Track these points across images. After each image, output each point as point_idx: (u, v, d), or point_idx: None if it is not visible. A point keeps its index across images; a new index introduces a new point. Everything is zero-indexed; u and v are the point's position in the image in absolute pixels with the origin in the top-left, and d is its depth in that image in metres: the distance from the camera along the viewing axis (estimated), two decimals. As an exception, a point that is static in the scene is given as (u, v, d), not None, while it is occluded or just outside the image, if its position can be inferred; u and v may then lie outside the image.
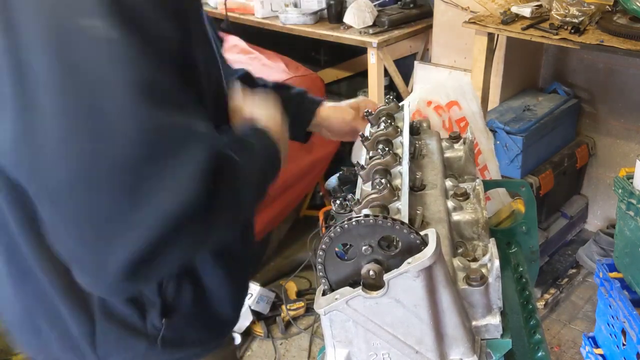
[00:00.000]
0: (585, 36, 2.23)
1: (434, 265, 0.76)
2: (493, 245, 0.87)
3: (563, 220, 3.10)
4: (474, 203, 1.04)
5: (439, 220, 0.97)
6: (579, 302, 2.87)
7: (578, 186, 3.22)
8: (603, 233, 2.79)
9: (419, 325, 0.80)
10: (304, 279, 3.00)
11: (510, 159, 2.75)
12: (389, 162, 1.03)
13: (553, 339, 2.66)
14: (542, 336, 1.10)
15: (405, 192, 0.96)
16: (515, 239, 1.27)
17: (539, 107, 2.91)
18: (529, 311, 1.14)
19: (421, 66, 3.15)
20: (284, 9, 3.15)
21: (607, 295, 2.10)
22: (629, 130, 2.96)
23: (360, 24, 2.91)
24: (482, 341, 0.86)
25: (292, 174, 2.85)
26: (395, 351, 0.82)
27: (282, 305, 2.79)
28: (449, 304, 0.80)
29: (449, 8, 2.90)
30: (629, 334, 1.95)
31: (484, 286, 0.84)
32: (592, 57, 2.92)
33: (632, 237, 1.97)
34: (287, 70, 3.00)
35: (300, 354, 2.66)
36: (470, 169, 1.19)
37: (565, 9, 2.33)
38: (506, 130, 2.73)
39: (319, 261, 0.81)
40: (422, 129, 1.26)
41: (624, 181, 1.99)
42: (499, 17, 2.42)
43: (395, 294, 0.78)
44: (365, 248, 0.80)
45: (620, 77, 2.90)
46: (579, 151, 3.02)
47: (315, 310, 0.81)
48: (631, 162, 2.09)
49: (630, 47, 2.11)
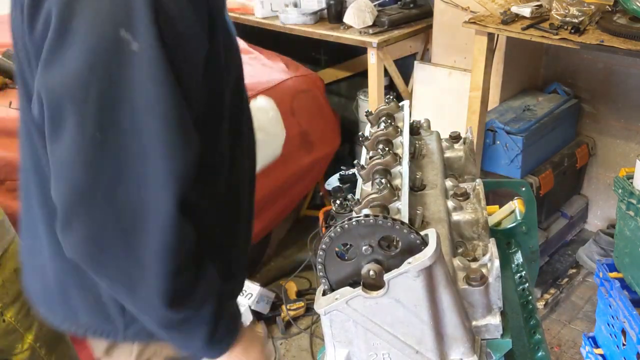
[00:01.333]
0: (585, 36, 2.23)
1: (434, 265, 0.76)
2: (493, 245, 0.87)
3: (563, 220, 3.10)
4: (474, 203, 1.04)
5: (439, 220, 0.97)
6: (579, 302, 2.87)
7: (578, 186, 3.22)
8: (603, 233, 2.79)
9: (419, 325, 0.80)
10: (304, 279, 3.00)
11: (510, 159, 2.75)
12: (389, 162, 1.03)
13: (553, 339, 2.66)
14: (542, 336, 1.10)
15: (405, 192, 0.96)
16: (515, 239, 1.27)
17: (539, 107, 2.91)
18: (529, 311, 1.14)
19: (421, 66, 3.15)
20: (284, 9, 3.15)
21: (607, 295, 2.10)
22: (629, 130, 2.96)
23: (360, 24, 2.91)
24: (482, 341, 0.87)
25: (292, 174, 2.85)
26: (395, 351, 0.82)
27: (282, 305, 2.79)
28: (449, 304, 0.80)
29: (449, 8, 2.89)
30: (629, 334, 1.95)
31: (484, 286, 0.84)
32: (592, 57, 2.92)
33: (632, 237, 1.97)
34: (287, 70, 3.00)
35: (300, 354, 2.66)
36: (470, 169, 1.19)
37: (565, 9, 2.33)
38: (506, 130, 2.73)
39: (319, 261, 0.81)
40: (422, 129, 1.26)
41: (624, 181, 1.99)
42: (499, 17, 2.42)
43: (396, 294, 0.78)
44: (365, 248, 0.80)
45: (620, 77, 2.90)
46: (579, 151, 3.02)
47: (315, 310, 0.81)
48: (631, 162, 2.09)
49: (630, 47, 2.11)
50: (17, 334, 1.53)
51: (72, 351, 1.77)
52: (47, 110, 0.91)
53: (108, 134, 0.89)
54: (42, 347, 1.60)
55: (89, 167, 0.90)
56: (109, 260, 0.94)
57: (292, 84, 2.92)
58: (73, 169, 0.90)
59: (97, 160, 0.90)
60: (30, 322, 1.56)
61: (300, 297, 2.85)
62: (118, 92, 0.88)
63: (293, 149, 2.86)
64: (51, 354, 1.63)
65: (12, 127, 1.97)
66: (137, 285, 0.96)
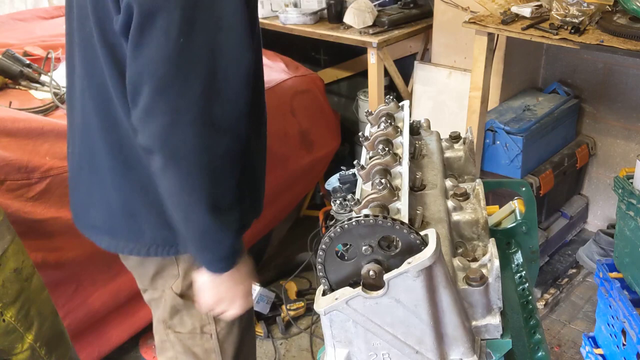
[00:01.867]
0: (585, 36, 2.23)
1: (434, 265, 0.76)
2: (493, 245, 0.87)
3: (563, 220, 3.10)
4: (474, 203, 1.04)
5: (439, 220, 0.97)
6: (579, 302, 2.87)
7: (578, 186, 3.22)
8: (603, 233, 2.79)
9: (419, 325, 0.80)
10: (304, 279, 3.00)
11: (510, 159, 2.75)
12: (389, 162, 1.03)
13: (553, 339, 2.66)
14: (542, 336, 1.10)
15: (405, 192, 0.96)
16: (515, 239, 1.27)
17: (539, 107, 2.91)
18: (529, 311, 1.14)
19: (421, 66, 3.15)
20: (284, 9, 3.15)
21: (607, 295, 2.10)
22: (629, 130, 2.96)
23: (360, 24, 2.91)
24: (482, 341, 0.87)
25: (292, 173, 2.85)
26: (395, 351, 0.82)
27: (282, 305, 2.79)
28: (449, 304, 0.80)
29: (449, 8, 2.90)
30: (629, 334, 1.95)
31: (483, 286, 0.84)
32: (592, 57, 2.92)
33: (632, 237, 1.97)
34: (287, 70, 3.00)
35: (300, 354, 2.66)
36: (470, 169, 1.19)
37: (565, 9, 2.33)
38: (506, 130, 2.73)
39: (319, 261, 0.81)
40: (422, 129, 1.26)
41: (624, 181, 1.99)
42: (499, 17, 2.42)
43: (396, 294, 0.78)
44: (365, 248, 0.80)
45: (620, 77, 2.90)
46: (579, 151, 3.02)
47: (315, 310, 0.81)
48: (631, 162, 2.10)
49: (630, 47, 2.11)
50: (17, 334, 1.53)
51: (72, 351, 1.77)
52: (138, 18, 1.07)
53: (191, 36, 1.07)
54: (42, 347, 1.60)
55: (172, 64, 1.08)
56: (181, 144, 1.11)
57: (292, 83, 2.92)
58: (157, 64, 1.08)
59: (180, 57, 1.08)
60: (30, 322, 1.56)
61: (300, 297, 2.85)
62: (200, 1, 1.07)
63: (293, 148, 2.86)
64: (51, 354, 1.63)
65: (12, 127, 1.98)
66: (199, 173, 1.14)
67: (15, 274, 1.51)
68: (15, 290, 1.51)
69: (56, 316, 1.70)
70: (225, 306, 1.35)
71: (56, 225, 1.98)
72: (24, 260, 1.56)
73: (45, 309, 1.63)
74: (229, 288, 1.31)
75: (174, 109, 1.10)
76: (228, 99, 1.13)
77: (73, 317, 2.13)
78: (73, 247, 2.03)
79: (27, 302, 1.54)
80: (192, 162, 1.12)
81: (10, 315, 1.50)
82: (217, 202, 1.17)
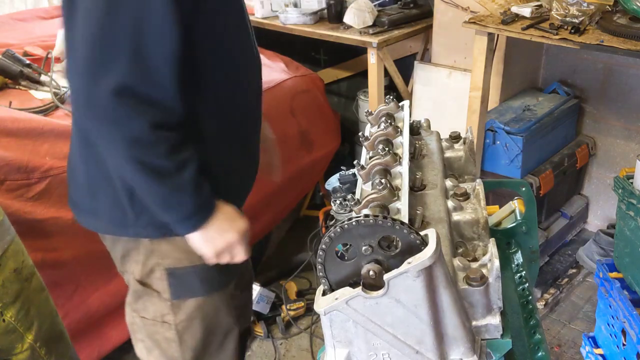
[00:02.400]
0: (585, 36, 2.23)
1: (434, 265, 0.76)
2: (493, 245, 0.87)
3: (563, 220, 3.10)
4: (474, 203, 1.04)
5: (439, 220, 0.97)
6: (579, 302, 2.87)
7: (578, 186, 3.22)
8: (603, 233, 2.79)
9: (419, 325, 0.80)
10: (304, 279, 3.00)
11: (510, 159, 2.75)
12: (389, 162, 1.03)
13: (553, 339, 2.66)
14: (542, 336, 1.10)
15: (405, 192, 0.96)
16: (515, 239, 1.27)
17: (539, 107, 2.91)
18: (529, 311, 1.14)
19: (421, 66, 3.15)
20: (284, 9, 3.15)
21: (607, 295, 2.10)
22: (629, 130, 2.96)
23: (360, 24, 2.91)
24: (482, 341, 0.87)
25: (292, 173, 2.85)
26: (395, 351, 0.82)
27: (282, 305, 2.79)
28: (449, 304, 0.80)
29: (449, 8, 2.90)
30: (629, 334, 1.95)
31: (484, 286, 0.84)
32: (592, 57, 2.92)
33: (632, 237, 1.97)
34: (287, 70, 3.00)
35: (300, 354, 2.66)
36: (470, 169, 1.19)
37: (565, 9, 2.33)
38: (506, 130, 2.73)
39: (319, 261, 0.81)
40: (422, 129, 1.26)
41: (624, 181, 1.99)
42: (499, 17, 2.42)
43: (396, 294, 0.78)
44: (365, 248, 0.80)
45: (620, 77, 2.90)
46: (579, 151, 3.02)
47: (315, 310, 0.81)
48: (631, 162, 2.10)
49: (630, 47, 2.11)
50: (17, 334, 1.53)
51: (72, 351, 1.77)
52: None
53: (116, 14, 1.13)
54: (42, 347, 1.60)
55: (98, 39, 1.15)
56: (108, 112, 1.17)
57: (292, 83, 2.92)
58: (86, 41, 1.15)
59: (104, 32, 1.14)
60: (30, 322, 1.56)
61: (300, 297, 2.85)
62: None
63: (293, 149, 2.85)
64: (51, 354, 1.63)
65: (12, 127, 1.98)
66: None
67: (15, 274, 1.51)
68: (15, 290, 1.51)
69: (56, 316, 1.69)
70: (228, 256, 1.39)
71: (56, 225, 1.98)
72: (23, 260, 1.56)
73: (45, 309, 1.63)
74: (218, 239, 1.35)
75: (96, 79, 1.17)
76: (153, 73, 1.19)
77: (73, 317, 2.13)
78: (73, 247, 2.03)
79: (27, 302, 1.54)
80: (119, 134, 1.19)
81: (10, 315, 1.50)
82: (156, 169, 1.23)
